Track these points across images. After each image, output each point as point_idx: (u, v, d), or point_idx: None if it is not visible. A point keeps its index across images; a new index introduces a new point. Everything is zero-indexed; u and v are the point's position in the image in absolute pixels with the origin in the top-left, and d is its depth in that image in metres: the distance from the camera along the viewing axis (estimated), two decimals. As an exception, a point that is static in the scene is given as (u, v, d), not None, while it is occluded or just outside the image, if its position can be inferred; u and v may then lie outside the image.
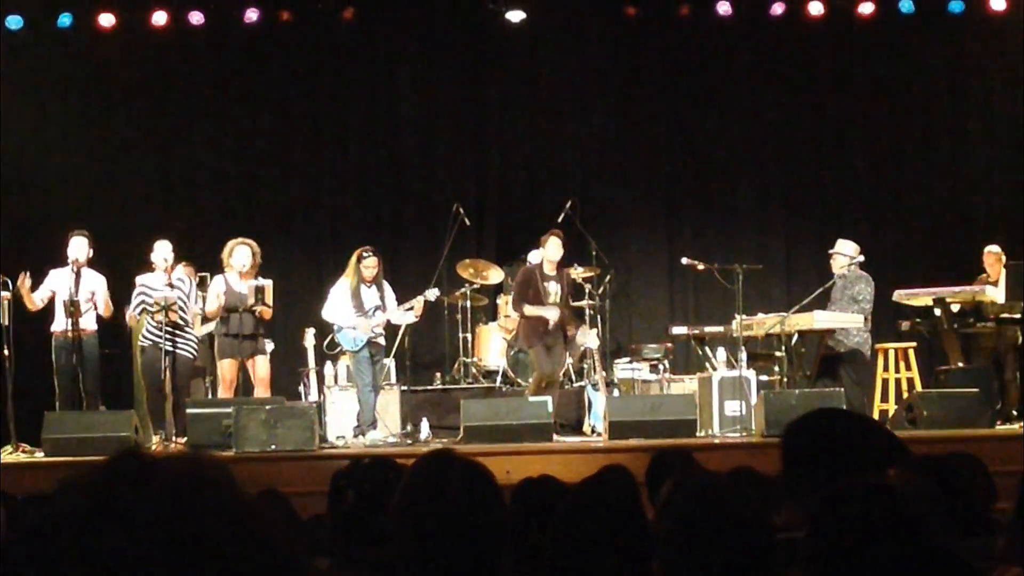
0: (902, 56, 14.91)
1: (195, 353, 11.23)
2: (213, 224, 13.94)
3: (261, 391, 11.19)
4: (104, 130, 14.52)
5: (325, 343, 12.08)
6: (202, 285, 11.93)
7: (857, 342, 11.56)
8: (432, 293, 11.76)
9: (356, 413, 11.46)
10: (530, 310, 11.48)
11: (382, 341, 11.56)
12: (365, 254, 11.37)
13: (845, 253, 11.88)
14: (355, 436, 11.27)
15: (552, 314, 11.40)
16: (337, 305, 11.42)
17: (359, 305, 11.32)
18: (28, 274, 10.96)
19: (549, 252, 11.52)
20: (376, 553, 2.98)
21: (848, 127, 15.03)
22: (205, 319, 11.51)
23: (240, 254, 11.18)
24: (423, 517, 2.71)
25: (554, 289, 11.52)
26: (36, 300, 11.05)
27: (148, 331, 10.96)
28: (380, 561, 2.94)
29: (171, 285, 10.94)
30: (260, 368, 11.28)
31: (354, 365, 11.51)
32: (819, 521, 2.37)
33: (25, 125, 14.25)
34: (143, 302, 10.94)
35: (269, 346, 11.62)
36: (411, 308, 11.49)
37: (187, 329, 11.05)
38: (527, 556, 4.03)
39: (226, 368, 11.19)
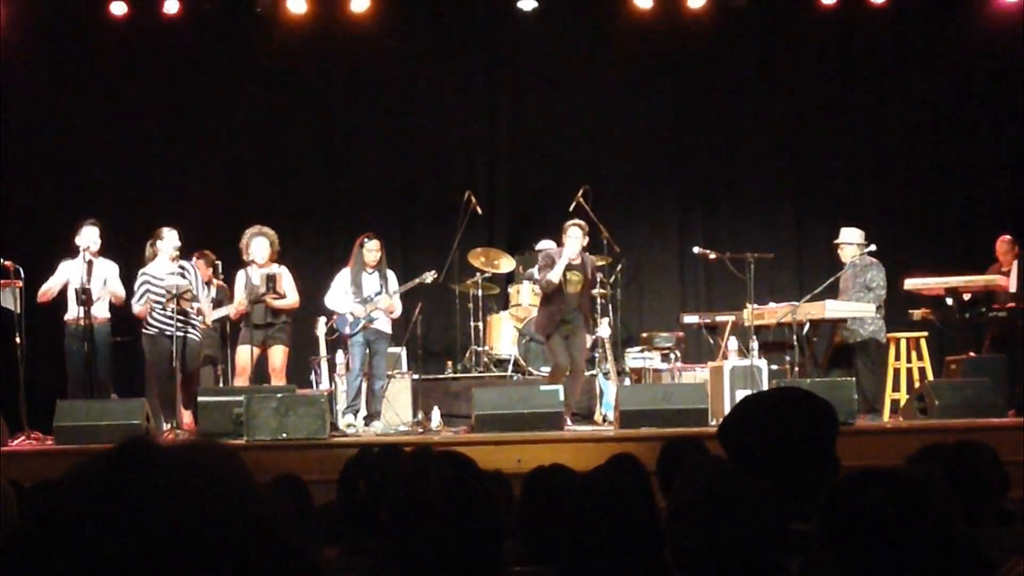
0: (912, 44, 14.87)
1: (200, 339, 11.27)
2: (225, 213, 13.94)
3: (275, 381, 11.24)
4: (116, 118, 14.51)
5: (326, 328, 12.13)
6: (215, 273, 11.95)
7: (872, 331, 11.52)
8: (429, 275, 11.82)
9: (365, 402, 11.47)
10: (548, 274, 11.34)
11: (385, 328, 11.52)
12: (367, 239, 11.44)
13: (852, 241, 11.84)
14: (366, 424, 11.28)
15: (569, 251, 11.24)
16: (337, 291, 11.49)
17: (358, 291, 11.37)
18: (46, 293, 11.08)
19: (572, 247, 11.30)
20: (378, 541, 3.00)
21: (858, 115, 14.97)
22: (216, 306, 11.55)
23: (257, 245, 11.29)
24: (408, 513, 2.75)
25: (574, 280, 11.41)
26: (48, 291, 11.09)
27: (153, 319, 10.97)
28: (382, 550, 2.96)
29: (182, 274, 10.95)
30: (275, 358, 11.34)
31: (349, 350, 11.56)
32: (831, 509, 2.35)
33: (36, 113, 14.26)
34: (148, 291, 10.96)
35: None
36: (396, 292, 11.48)
37: (192, 316, 11.08)
38: (538, 544, 4.03)
39: (240, 355, 11.30)
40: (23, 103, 14.20)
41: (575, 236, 11.33)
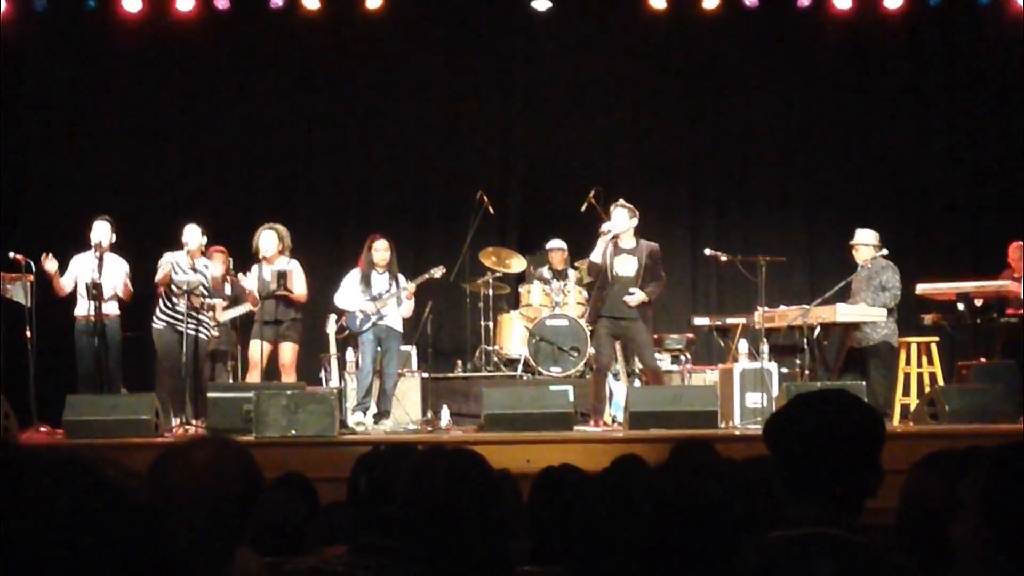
0: (925, 48, 14.85)
1: (210, 335, 11.28)
2: (238, 210, 13.96)
3: (285, 377, 11.28)
4: (129, 115, 14.52)
5: (336, 326, 12.14)
6: (228, 270, 11.95)
7: (885, 334, 11.49)
8: (437, 271, 11.84)
9: (376, 399, 11.48)
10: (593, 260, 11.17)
11: (395, 326, 11.54)
12: (376, 240, 11.48)
13: (868, 243, 11.82)
14: (375, 422, 11.29)
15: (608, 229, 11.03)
16: (347, 290, 11.54)
17: (368, 290, 11.40)
18: (49, 255, 10.97)
19: (616, 224, 11.18)
20: (386, 539, 3.00)
21: (871, 119, 14.95)
22: (233, 303, 11.60)
23: (265, 239, 11.36)
24: (417, 509, 2.75)
25: (626, 266, 11.15)
26: (63, 286, 11.10)
27: (161, 312, 10.99)
28: (390, 547, 2.95)
29: (194, 269, 10.97)
30: (284, 354, 11.38)
31: (360, 347, 11.57)
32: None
33: (50, 109, 14.29)
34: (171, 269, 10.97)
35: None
36: (406, 288, 11.50)
37: (204, 312, 11.09)
38: (547, 544, 4.03)
39: (252, 350, 11.40)
40: (37, 98, 14.23)
41: (619, 215, 11.15)
